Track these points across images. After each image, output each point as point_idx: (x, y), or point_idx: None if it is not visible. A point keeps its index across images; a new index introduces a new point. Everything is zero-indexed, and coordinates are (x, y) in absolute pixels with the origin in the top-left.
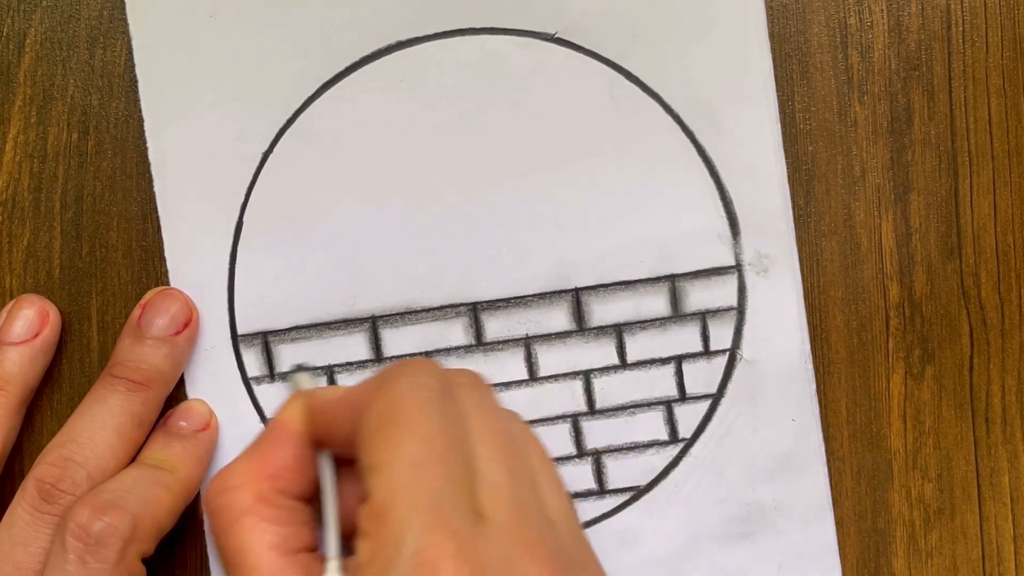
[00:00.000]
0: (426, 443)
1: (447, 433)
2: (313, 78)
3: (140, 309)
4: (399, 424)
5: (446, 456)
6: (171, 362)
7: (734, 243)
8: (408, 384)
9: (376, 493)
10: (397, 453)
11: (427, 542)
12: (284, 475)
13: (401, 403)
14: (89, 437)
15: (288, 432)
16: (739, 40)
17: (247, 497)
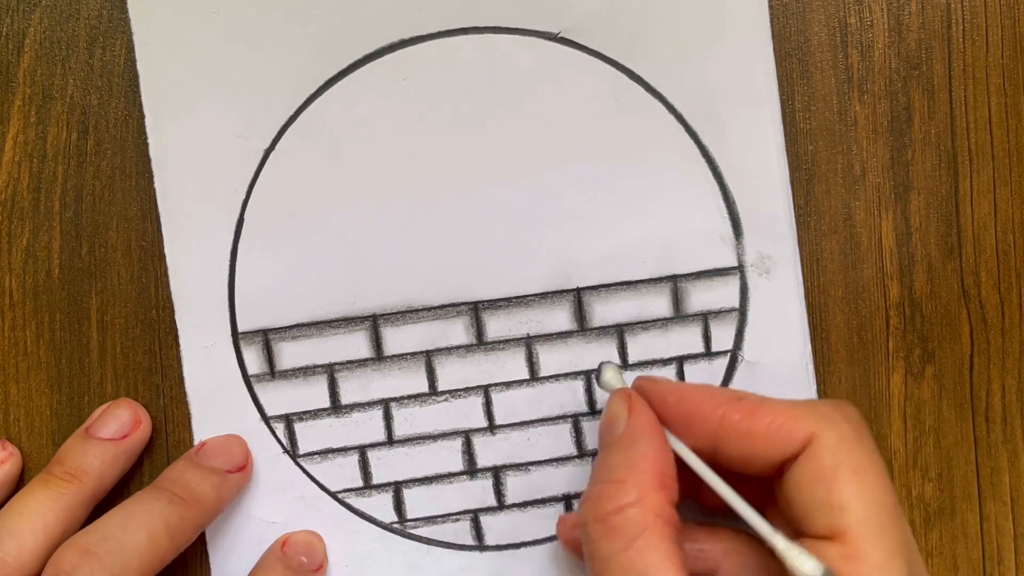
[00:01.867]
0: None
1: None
2: (316, 75)
3: (200, 445)
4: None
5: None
6: (217, 494)
7: (736, 244)
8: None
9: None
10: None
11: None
12: (669, 482)
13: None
14: (119, 535)
15: (654, 431)
16: (743, 41)
17: (647, 514)
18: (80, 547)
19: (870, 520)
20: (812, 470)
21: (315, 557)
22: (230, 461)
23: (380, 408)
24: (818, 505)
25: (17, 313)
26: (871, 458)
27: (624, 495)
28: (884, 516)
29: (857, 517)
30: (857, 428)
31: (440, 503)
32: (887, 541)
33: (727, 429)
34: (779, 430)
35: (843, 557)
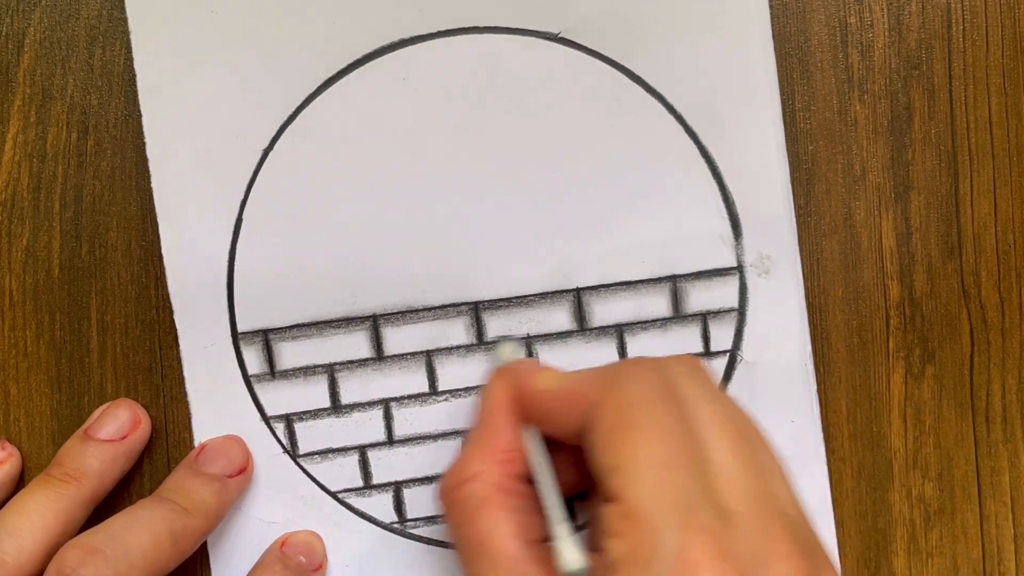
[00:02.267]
0: (667, 442)
1: (683, 429)
2: (315, 75)
3: (200, 448)
4: (637, 426)
5: (686, 453)
6: (219, 500)
7: (736, 244)
8: (638, 386)
9: (626, 493)
10: (641, 455)
11: (686, 541)
12: (515, 458)
13: (634, 404)
14: (124, 535)
15: (508, 410)
16: (743, 42)
17: (485, 486)
18: (85, 546)
19: (644, 477)
20: (595, 438)
21: (314, 557)
22: (230, 465)
23: (380, 408)
24: (600, 469)
25: (17, 313)
26: (650, 415)
27: (466, 470)
28: (657, 471)
29: (629, 476)
30: (641, 386)
31: None
32: (660, 497)
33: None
34: (574, 403)
35: (619, 516)
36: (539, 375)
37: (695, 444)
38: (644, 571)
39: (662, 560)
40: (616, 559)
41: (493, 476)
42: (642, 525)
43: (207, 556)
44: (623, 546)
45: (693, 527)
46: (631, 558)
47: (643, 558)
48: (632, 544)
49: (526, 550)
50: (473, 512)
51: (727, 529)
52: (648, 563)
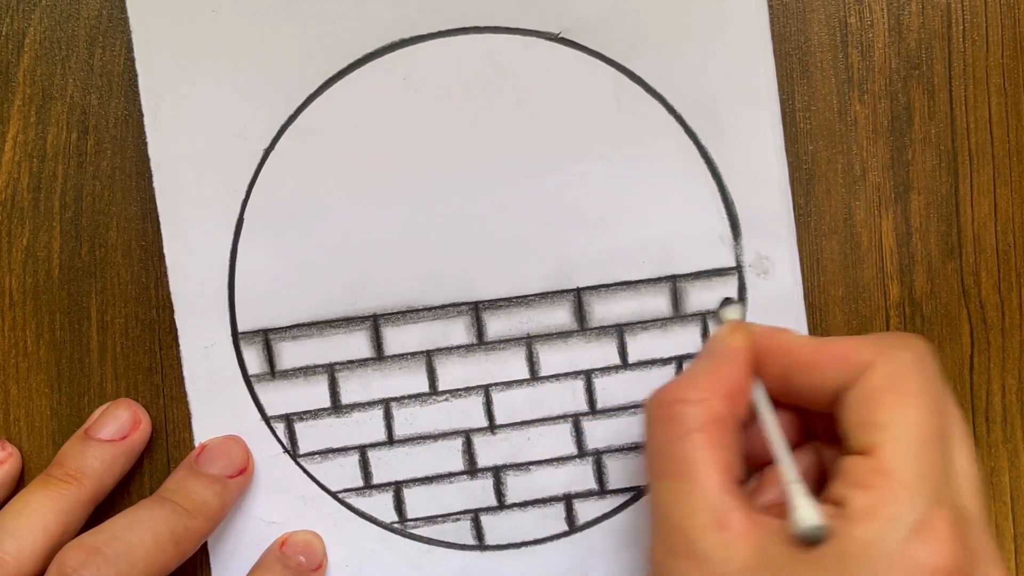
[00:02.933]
0: (936, 417)
1: (947, 416)
2: (316, 75)
3: (200, 448)
4: (910, 393)
5: (946, 438)
6: (220, 501)
7: (735, 244)
8: (914, 356)
9: (885, 451)
10: (913, 418)
11: (934, 514)
12: (738, 398)
13: (911, 372)
14: (126, 535)
15: (741, 358)
16: (743, 42)
17: (705, 413)
18: (86, 546)
19: (907, 439)
20: (861, 393)
21: (314, 557)
22: (230, 465)
23: (380, 408)
24: (860, 423)
25: (17, 313)
26: (924, 386)
27: (689, 390)
28: (922, 439)
29: (892, 435)
30: (917, 357)
31: (440, 503)
32: (919, 463)
33: (796, 360)
34: (842, 359)
35: (872, 471)
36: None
37: (950, 436)
38: (888, 528)
39: (906, 522)
40: (859, 509)
41: (715, 406)
42: (894, 483)
43: (207, 556)
44: (869, 499)
45: (943, 505)
46: (875, 512)
47: (888, 515)
48: (879, 499)
49: (730, 485)
50: (686, 434)
51: (964, 522)
52: (894, 520)
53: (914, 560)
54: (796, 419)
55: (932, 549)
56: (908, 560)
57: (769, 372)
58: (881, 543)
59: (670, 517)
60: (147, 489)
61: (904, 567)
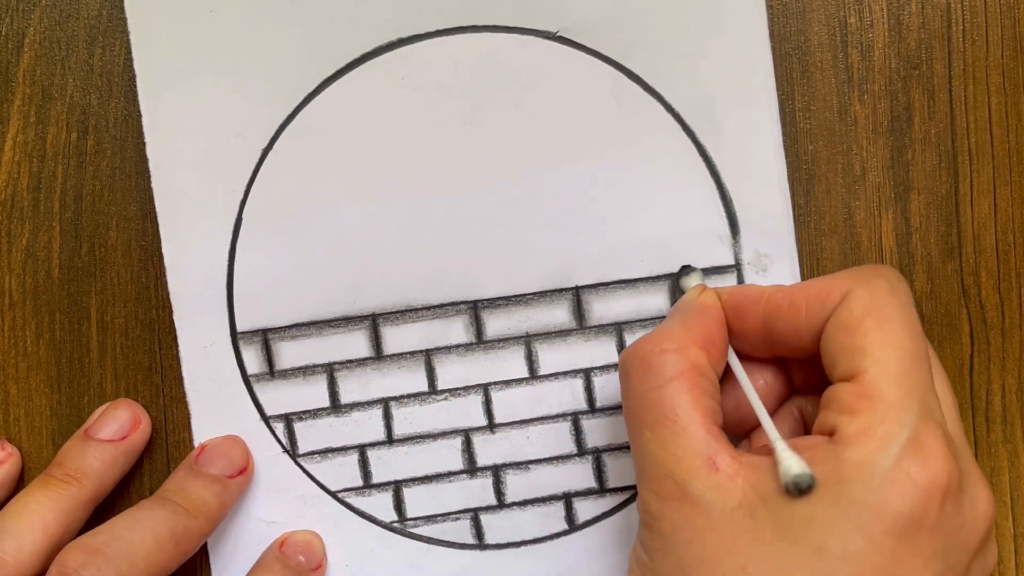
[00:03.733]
0: (916, 340)
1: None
2: (314, 74)
3: (200, 448)
4: (892, 316)
5: (927, 360)
6: (220, 501)
7: (733, 243)
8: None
9: (870, 374)
10: (893, 340)
11: (925, 428)
12: (716, 349)
13: (887, 299)
14: (126, 536)
15: (716, 315)
16: (741, 41)
17: (685, 362)
18: (87, 546)
19: (888, 362)
20: (841, 320)
21: (313, 556)
22: (230, 465)
23: (380, 407)
24: (842, 350)
25: (17, 313)
26: (901, 310)
27: (668, 340)
28: (905, 360)
29: (875, 359)
30: (891, 284)
31: (440, 502)
32: (904, 383)
33: (773, 306)
34: (819, 296)
35: (858, 395)
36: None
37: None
38: (881, 448)
39: (900, 439)
40: (850, 434)
41: (693, 354)
42: (881, 404)
43: (207, 556)
44: (860, 422)
45: (932, 420)
46: (867, 434)
47: (879, 435)
48: (869, 421)
49: (714, 428)
50: (666, 382)
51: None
52: (885, 440)
53: (909, 476)
54: (778, 375)
55: (925, 464)
56: (903, 476)
57: (747, 325)
58: (875, 462)
59: (660, 464)
60: (147, 489)
61: (900, 483)
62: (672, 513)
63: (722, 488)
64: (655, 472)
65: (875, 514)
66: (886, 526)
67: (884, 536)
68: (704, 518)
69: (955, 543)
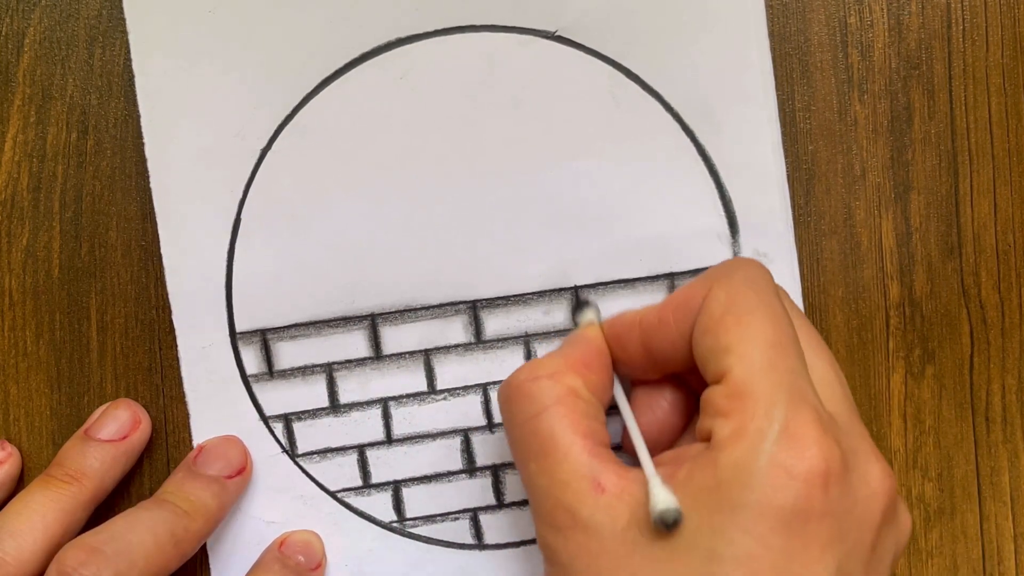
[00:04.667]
0: (779, 327)
1: (789, 324)
2: (312, 74)
3: (198, 450)
4: (751, 309)
5: (794, 344)
6: (218, 502)
7: (733, 242)
8: (747, 276)
9: (735, 372)
10: (754, 334)
11: (796, 417)
12: (593, 374)
13: (744, 292)
14: (125, 535)
15: (595, 345)
16: (739, 39)
17: (560, 387)
18: (86, 546)
19: (752, 357)
20: (703, 324)
21: (313, 556)
22: (229, 466)
23: (379, 407)
24: (709, 352)
25: (17, 313)
26: (762, 300)
27: (542, 368)
28: (769, 352)
29: (739, 355)
30: (748, 277)
31: (439, 502)
32: (770, 376)
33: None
34: (683, 305)
35: (727, 396)
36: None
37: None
38: (754, 445)
39: (771, 434)
40: (724, 437)
41: (569, 379)
42: (750, 401)
43: (206, 556)
44: (731, 424)
45: (804, 406)
46: (740, 434)
47: (751, 432)
48: (741, 421)
49: (596, 448)
50: (543, 409)
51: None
52: (757, 437)
53: (785, 469)
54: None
55: (800, 454)
56: (779, 471)
57: (630, 351)
58: (751, 461)
59: (548, 495)
60: (147, 489)
61: (777, 478)
62: (567, 544)
63: (611, 509)
64: (546, 504)
65: (759, 514)
66: (772, 524)
67: (772, 534)
68: (596, 542)
69: (852, 523)
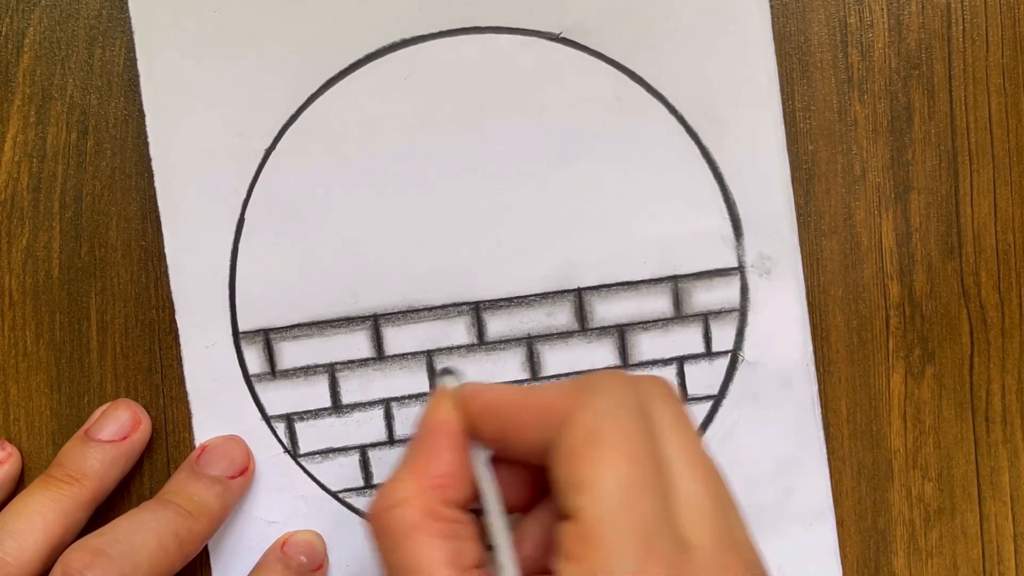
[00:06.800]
0: (635, 463)
1: (652, 452)
2: (317, 75)
3: (200, 449)
4: (606, 443)
5: (653, 477)
6: (221, 502)
7: (737, 245)
8: (610, 400)
9: (586, 513)
10: (607, 474)
11: (644, 567)
12: (449, 483)
13: (606, 419)
14: (130, 537)
15: (447, 434)
16: (744, 42)
17: (415, 512)
18: (91, 547)
19: (605, 497)
20: (561, 451)
21: (315, 557)
22: (231, 466)
23: (381, 408)
24: (564, 485)
25: (17, 313)
26: (622, 433)
27: (394, 494)
28: (623, 491)
29: (593, 496)
30: (616, 401)
31: None
32: (622, 520)
33: (504, 418)
34: (544, 413)
35: (578, 538)
36: (500, 387)
37: (663, 469)
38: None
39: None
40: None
41: (422, 501)
42: (598, 549)
43: (208, 556)
44: (576, 570)
45: (651, 556)
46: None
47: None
48: (588, 569)
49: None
50: (402, 539)
51: (685, 562)
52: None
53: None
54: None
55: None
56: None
57: (488, 435)
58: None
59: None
60: (147, 489)
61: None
62: None
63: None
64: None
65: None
66: None
67: None
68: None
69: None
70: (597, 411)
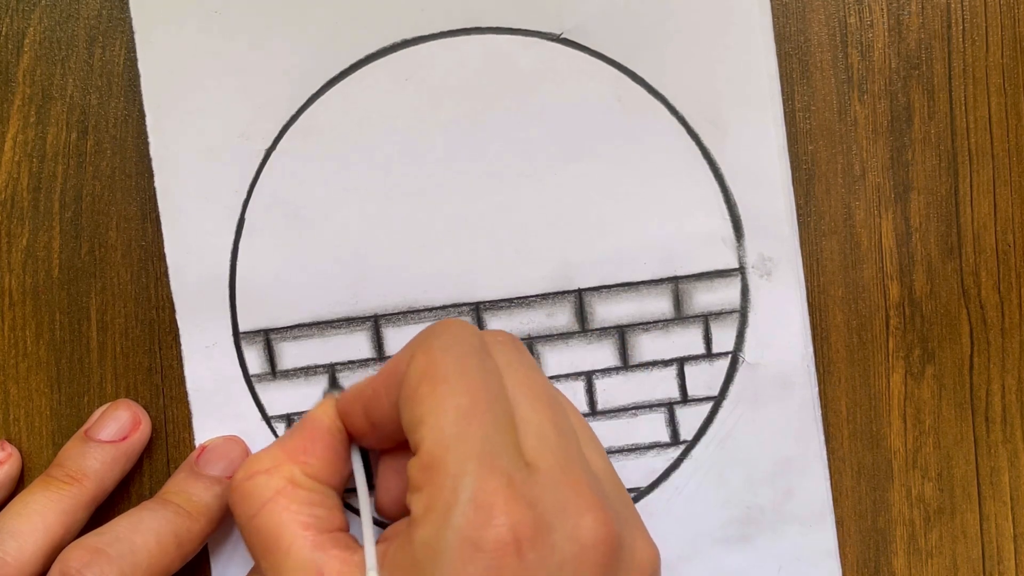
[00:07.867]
0: (471, 394)
1: (489, 385)
2: (318, 75)
3: (200, 449)
4: (442, 378)
5: (491, 406)
6: (221, 503)
7: (738, 246)
8: (445, 341)
9: (426, 444)
10: (443, 404)
11: (483, 486)
12: (315, 461)
13: (441, 358)
14: (129, 536)
15: (320, 425)
16: (745, 43)
17: (277, 480)
18: (90, 546)
19: (442, 426)
20: (403, 395)
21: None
22: (231, 467)
23: None
24: (407, 424)
25: (17, 313)
26: (455, 365)
27: (260, 462)
28: (460, 420)
29: (431, 426)
30: (450, 340)
31: None
32: (459, 445)
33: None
34: (392, 375)
35: (420, 469)
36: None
37: (504, 401)
38: (442, 520)
39: (458, 508)
40: (418, 513)
41: (286, 470)
42: (440, 474)
43: (208, 556)
44: (424, 498)
45: (492, 473)
46: (430, 509)
47: (441, 507)
48: (431, 495)
49: (320, 538)
50: (262, 505)
51: (528, 479)
52: (446, 512)
53: (473, 543)
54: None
55: (487, 525)
56: (467, 546)
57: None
58: (439, 538)
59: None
60: (147, 490)
61: (466, 554)
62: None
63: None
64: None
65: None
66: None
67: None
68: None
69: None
70: (432, 352)
